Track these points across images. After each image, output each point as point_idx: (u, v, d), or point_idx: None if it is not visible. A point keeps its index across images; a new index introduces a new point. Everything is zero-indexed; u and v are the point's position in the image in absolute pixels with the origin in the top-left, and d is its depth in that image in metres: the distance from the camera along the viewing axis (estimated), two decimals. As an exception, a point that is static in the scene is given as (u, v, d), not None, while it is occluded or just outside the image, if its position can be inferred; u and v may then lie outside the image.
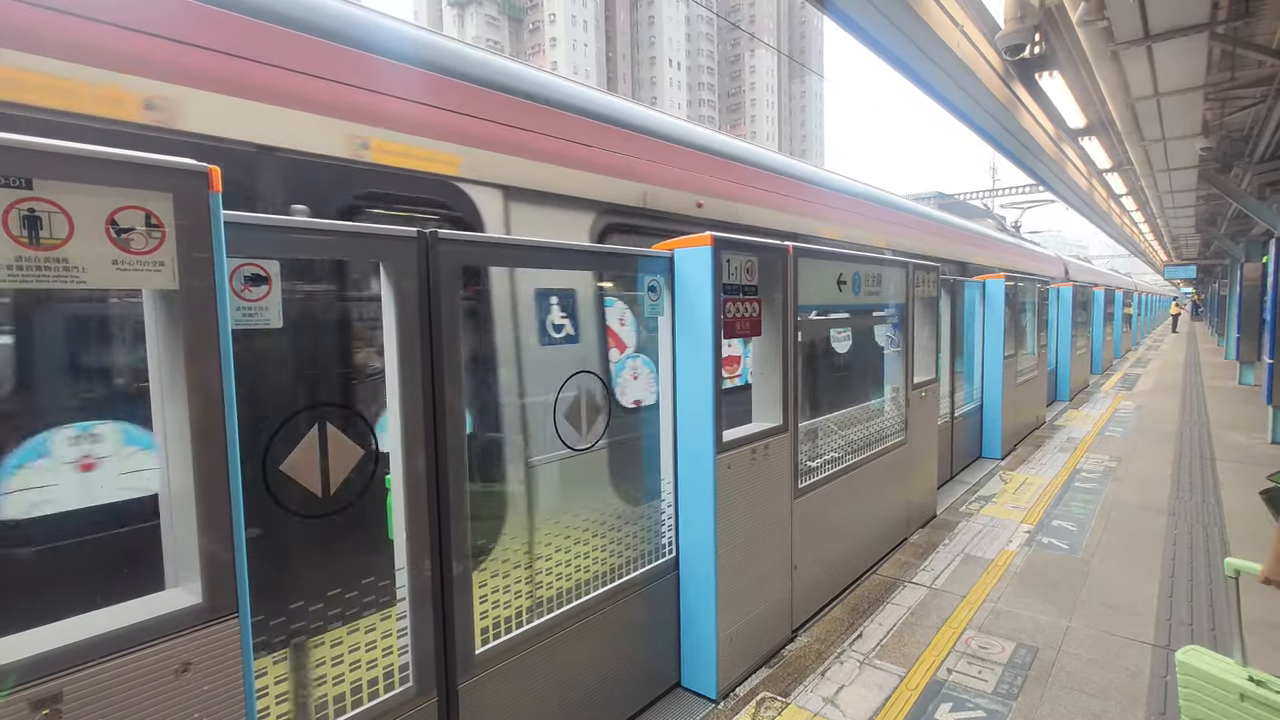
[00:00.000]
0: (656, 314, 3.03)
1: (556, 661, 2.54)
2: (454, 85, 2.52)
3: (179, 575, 1.49)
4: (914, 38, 5.27)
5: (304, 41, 2.08)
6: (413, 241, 2.00)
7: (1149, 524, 5.23)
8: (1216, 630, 3.52)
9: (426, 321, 2.04)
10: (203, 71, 1.83)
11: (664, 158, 3.44)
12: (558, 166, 2.85)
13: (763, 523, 3.29)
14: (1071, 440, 8.46)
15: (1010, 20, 5.41)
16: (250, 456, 1.73)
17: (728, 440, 3.03)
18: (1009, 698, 3.01)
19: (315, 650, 1.90)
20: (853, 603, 3.97)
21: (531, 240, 2.46)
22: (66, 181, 1.23)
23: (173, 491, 1.46)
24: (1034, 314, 9.04)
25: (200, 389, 1.40)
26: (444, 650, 2.13)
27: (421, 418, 2.02)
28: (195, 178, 1.37)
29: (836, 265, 3.94)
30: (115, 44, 1.68)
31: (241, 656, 1.48)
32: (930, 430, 5.49)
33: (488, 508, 2.50)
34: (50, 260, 1.21)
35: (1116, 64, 5.22)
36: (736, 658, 3.15)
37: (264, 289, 1.71)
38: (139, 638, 1.36)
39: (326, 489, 1.92)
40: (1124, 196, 13.39)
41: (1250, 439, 8.20)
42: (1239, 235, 15.76)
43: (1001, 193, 32.28)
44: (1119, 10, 4.32)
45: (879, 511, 4.60)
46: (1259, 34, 5.52)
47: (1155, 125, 6.82)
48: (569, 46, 74.94)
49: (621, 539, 2.90)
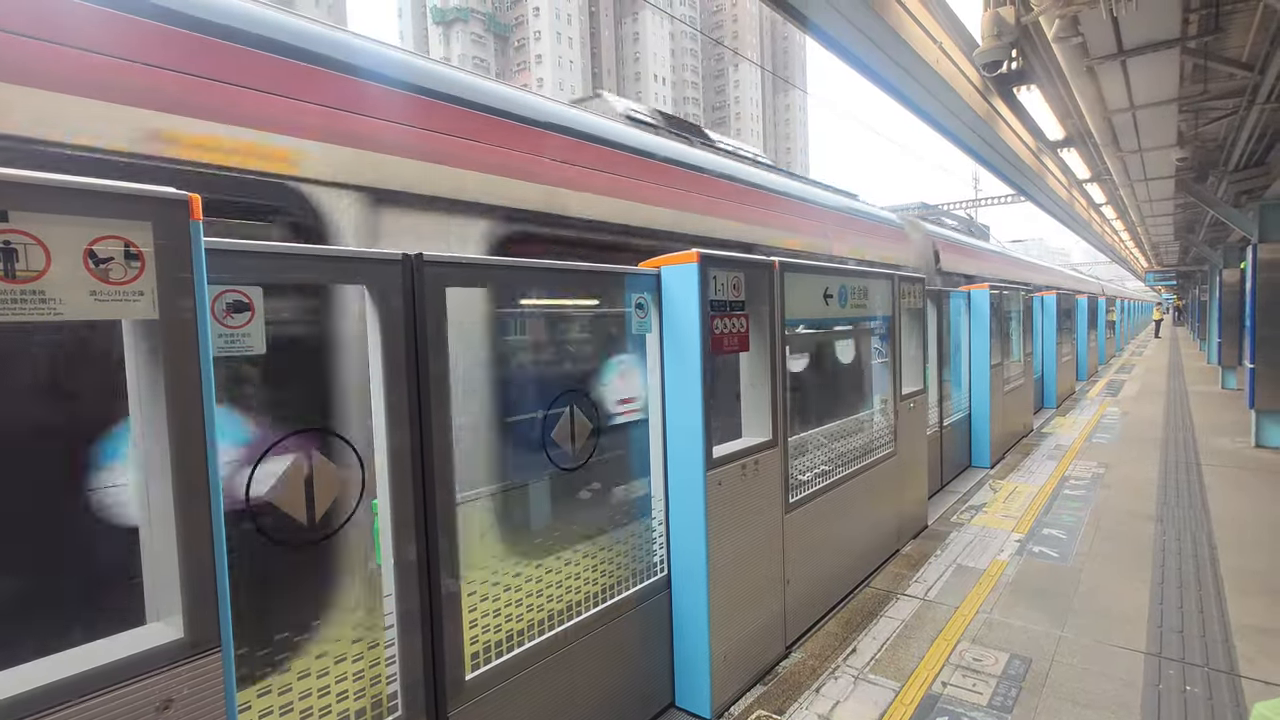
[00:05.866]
0: (644, 331, 3.04)
1: (548, 684, 2.50)
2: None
3: (159, 609, 1.46)
4: (894, 55, 5.35)
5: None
6: (397, 264, 1.99)
7: (1138, 530, 5.26)
8: (1207, 637, 3.54)
9: (412, 344, 2.03)
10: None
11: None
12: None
13: (754, 538, 3.28)
14: (1059, 447, 8.52)
15: (987, 37, 5.51)
16: (233, 485, 1.71)
17: (718, 456, 3.02)
18: (1004, 710, 3.00)
19: (301, 682, 1.86)
20: (846, 617, 3.96)
21: (514, 261, 2.46)
22: (43, 213, 1.21)
23: (153, 523, 1.43)
24: (1019, 322, 9.13)
25: (181, 418, 1.38)
26: (434, 676, 2.09)
27: (409, 443, 2.00)
28: (175, 206, 1.36)
29: (823, 279, 3.97)
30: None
31: (225, 691, 1.45)
32: (920, 441, 5.51)
33: (477, 529, 2.48)
34: (26, 293, 1.20)
35: (1092, 79, 5.33)
36: (730, 676, 3.12)
37: (246, 315, 1.70)
38: (119, 675, 1.33)
39: (311, 516, 1.90)
40: (1104, 206, 13.62)
41: (1235, 443, 8.30)
42: (1217, 242, 16.07)
43: (984, 203, 32.75)
44: (1093, 27, 4.42)
45: (870, 524, 4.60)
46: (1230, 48, 5.66)
47: (1132, 137, 6.96)
48: (554, 63, 75.56)
49: (612, 558, 2.88)
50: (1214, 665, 3.29)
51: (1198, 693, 3.08)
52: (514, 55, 78.75)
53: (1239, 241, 13.02)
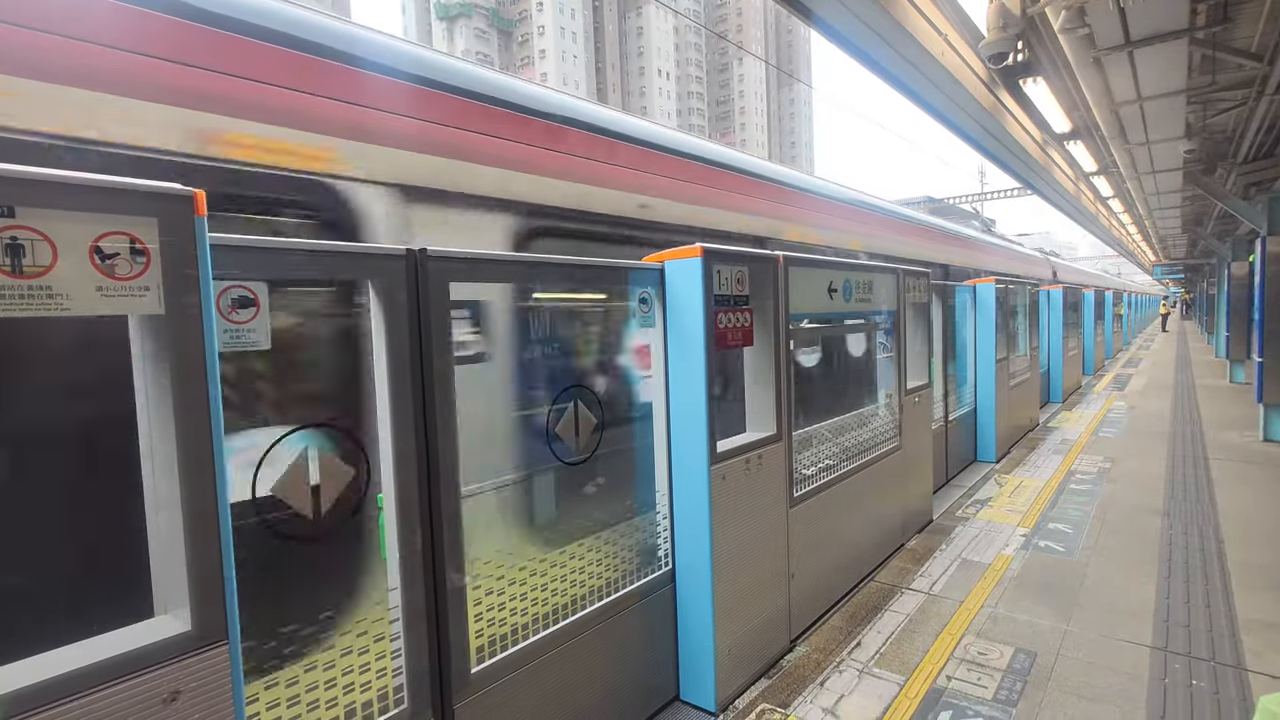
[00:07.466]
0: (648, 326, 3.04)
1: (553, 678, 2.52)
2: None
3: (167, 602, 1.47)
4: (899, 48, 5.32)
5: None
6: (401, 259, 2.00)
7: (1145, 525, 5.24)
8: (1213, 631, 3.53)
9: (417, 338, 2.03)
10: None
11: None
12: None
13: (758, 532, 3.28)
14: (1066, 442, 8.49)
15: (993, 29, 5.47)
16: (239, 479, 1.72)
17: (722, 451, 3.02)
18: (1009, 704, 3.00)
19: (307, 675, 1.87)
20: (851, 611, 3.96)
21: (518, 256, 2.46)
22: (49, 208, 1.22)
23: (160, 517, 1.45)
24: (1025, 316, 9.09)
25: (188, 412, 1.39)
26: (439, 669, 2.11)
27: (413, 436, 2.01)
28: (180, 202, 1.37)
29: (827, 273, 3.95)
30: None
31: (231, 683, 1.47)
32: (925, 435, 5.49)
33: (481, 522, 2.49)
34: (34, 288, 1.20)
35: (1099, 70, 5.28)
36: (735, 669, 3.13)
37: (252, 310, 1.70)
38: (128, 667, 1.34)
39: (317, 510, 1.91)
40: (1111, 199, 13.52)
41: (1243, 437, 8.25)
42: (1225, 235, 15.92)
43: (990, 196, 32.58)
44: (1100, 18, 4.38)
45: (875, 518, 4.60)
46: (1238, 38, 5.60)
47: (1139, 129, 6.90)
48: (558, 58, 75.38)
49: (617, 552, 2.89)
50: (1220, 659, 3.28)
51: (1204, 687, 3.08)
52: (517, 50, 78.61)
53: (1247, 234, 12.89)
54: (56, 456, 1.64)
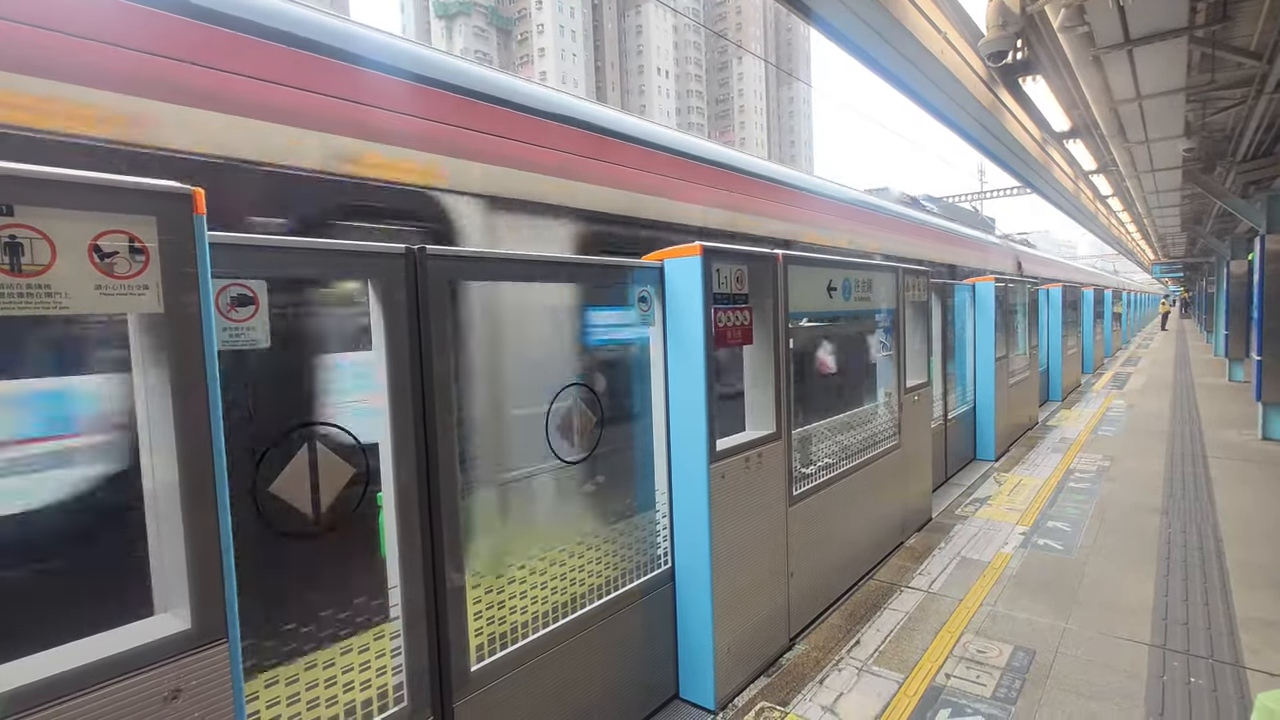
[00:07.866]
0: (647, 324, 3.04)
1: (553, 676, 2.52)
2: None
3: (167, 600, 1.47)
4: (898, 46, 5.31)
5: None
6: (400, 258, 1.99)
7: (1143, 523, 5.25)
8: (1211, 629, 3.53)
9: (416, 337, 2.03)
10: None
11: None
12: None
13: (758, 531, 3.29)
14: (1065, 440, 8.50)
15: (993, 27, 5.47)
16: (239, 477, 1.71)
17: (721, 449, 3.02)
18: (1008, 702, 3.01)
19: (307, 673, 1.88)
20: (850, 609, 3.97)
21: (518, 254, 2.46)
22: (48, 207, 1.22)
23: (160, 515, 1.45)
24: (1025, 315, 9.08)
25: (186, 411, 1.39)
26: (439, 668, 2.11)
27: (413, 434, 2.01)
28: (179, 200, 1.37)
29: (826, 272, 3.95)
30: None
31: (231, 681, 1.47)
32: (924, 434, 5.50)
33: (480, 521, 2.49)
34: (33, 287, 1.20)
35: (1098, 68, 5.28)
36: (734, 668, 3.14)
37: (251, 309, 1.70)
38: (128, 665, 1.34)
39: (317, 508, 1.91)
40: (1110, 198, 13.52)
41: (1242, 435, 8.26)
42: (1224, 233, 15.93)
43: (990, 195, 32.59)
44: (1099, 16, 4.37)
45: (874, 516, 4.60)
46: (1237, 36, 5.60)
47: (1139, 127, 6.89)
48: (558, 56, 75.27)
49: (617, 550, 2.89)
50: (1218, 657, 3.29)
51: (1202, 684, 3.08)
52: (516, 49, 78.51)
53: (1246, 233, 12.90)
54: (56, 456, 1.64)
